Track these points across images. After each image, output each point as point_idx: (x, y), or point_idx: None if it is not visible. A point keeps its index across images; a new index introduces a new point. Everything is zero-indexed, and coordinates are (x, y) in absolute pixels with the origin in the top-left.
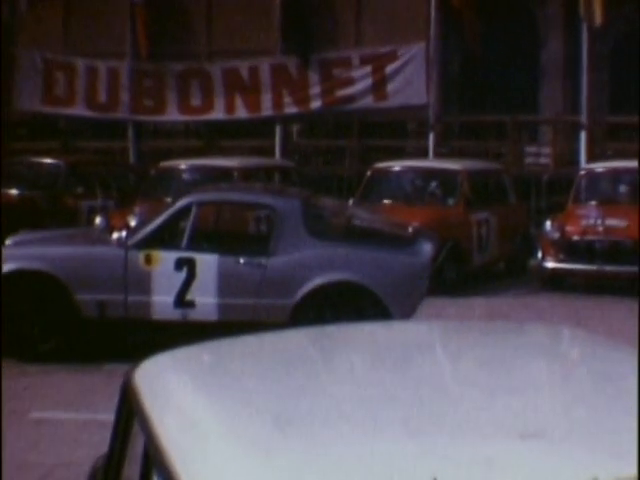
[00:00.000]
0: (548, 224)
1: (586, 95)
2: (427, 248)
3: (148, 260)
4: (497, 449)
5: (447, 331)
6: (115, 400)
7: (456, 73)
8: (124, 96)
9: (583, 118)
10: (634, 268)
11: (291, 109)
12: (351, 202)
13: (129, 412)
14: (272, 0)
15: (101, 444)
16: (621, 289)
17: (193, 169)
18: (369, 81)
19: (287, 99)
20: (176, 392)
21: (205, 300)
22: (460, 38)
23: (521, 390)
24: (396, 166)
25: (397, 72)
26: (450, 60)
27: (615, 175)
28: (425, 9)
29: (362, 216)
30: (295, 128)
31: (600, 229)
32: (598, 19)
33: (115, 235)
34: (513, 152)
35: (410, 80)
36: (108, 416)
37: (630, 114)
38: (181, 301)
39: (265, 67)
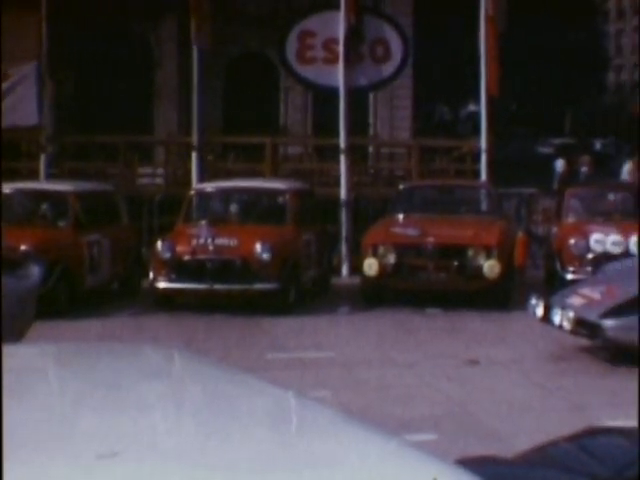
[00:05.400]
0: (159, 244)
1: (197, 116)
2: (35, 271)
3: None
4: (72, 470)
5: (58, 354)
6: None
7: (71, 93)
8: None
9: (195, 139)
10: (244, 286)
11: None
12: None
13: None
14: None
15: None
16: (232, 307)
17: None
18: None
19: None
20: None
21: None
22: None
23: (121, 411)
24: (6, 189)
25: (8, 92)
26: (64, 80)
27: (224, 194)
28: (36, 28)
29: None
30: None
31: (210, 248)
32: (205, 42)
33: None
34: (125, 173)
35: (21, 100)
36: None
37: (243, 134)
38: None
39: None
